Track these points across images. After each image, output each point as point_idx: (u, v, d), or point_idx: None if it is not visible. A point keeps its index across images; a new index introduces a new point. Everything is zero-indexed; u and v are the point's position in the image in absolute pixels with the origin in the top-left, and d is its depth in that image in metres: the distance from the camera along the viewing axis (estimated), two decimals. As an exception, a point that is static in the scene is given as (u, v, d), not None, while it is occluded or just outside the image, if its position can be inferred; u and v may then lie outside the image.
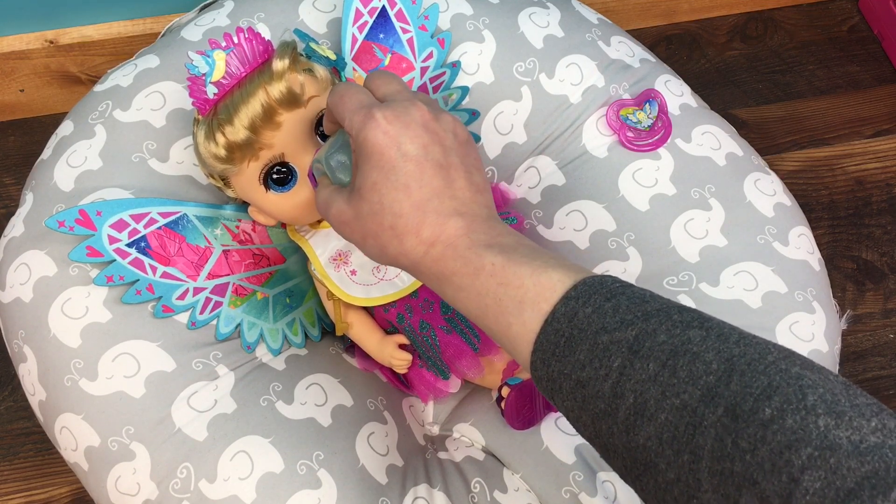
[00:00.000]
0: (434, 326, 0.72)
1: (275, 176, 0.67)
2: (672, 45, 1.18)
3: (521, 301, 0.50)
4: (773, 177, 0.83)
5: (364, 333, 0.74)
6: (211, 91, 0.65)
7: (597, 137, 0.82)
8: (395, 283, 0.71)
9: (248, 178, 0.67)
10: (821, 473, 0.39)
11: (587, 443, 0.71)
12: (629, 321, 0.47)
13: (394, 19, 0.80)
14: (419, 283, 0.71)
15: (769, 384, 0.42)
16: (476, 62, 0.82)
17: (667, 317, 0.47)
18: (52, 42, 1.03)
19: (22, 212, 0.76)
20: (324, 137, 0.68)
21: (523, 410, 0.71)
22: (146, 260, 0.71)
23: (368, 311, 0.75)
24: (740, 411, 0.42)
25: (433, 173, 0.54)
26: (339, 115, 0.56)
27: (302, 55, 0.68)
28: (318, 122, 0.68)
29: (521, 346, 0.51)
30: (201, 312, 0.72)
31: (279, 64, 0.65)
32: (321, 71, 0.68)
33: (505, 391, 0.71)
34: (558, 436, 0.72)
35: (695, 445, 0.43)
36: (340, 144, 0.59)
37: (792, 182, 1.05)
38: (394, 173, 0.53)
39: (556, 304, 0.49)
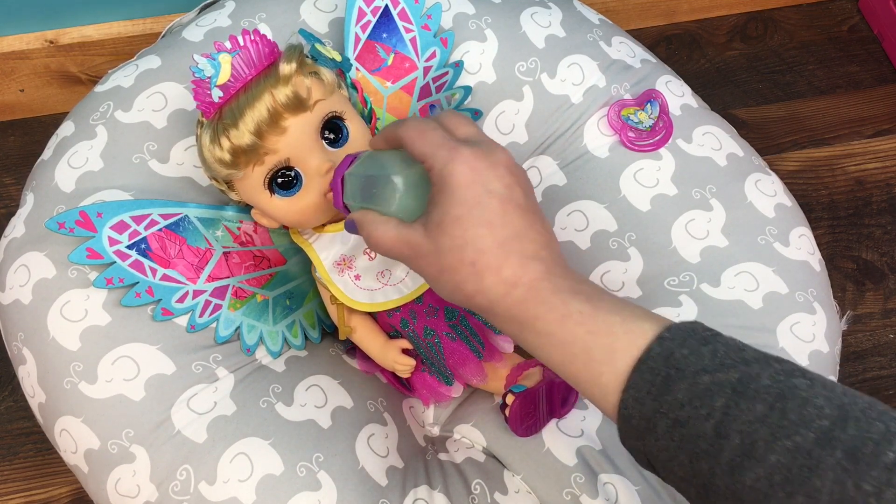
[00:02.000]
0: (438, 333, 0.72)
1: (280, 180, 0.66)
2: (672, 45, 1.18)
3: (612, 349, 0.50)
4: (774, 177, 0.83)
5: (367, 338, 0.74)
6: (216, 94, 0.64)
7: (598, 137, 0.82)
8: (400, 289, 0.71)
9: (252, 183, 0.67)
10: None
11: (589, 444, 0.72)
12: (729, 364, 0.47)
13: (397, 18, 0.79)
14: (424, 289, 0.71)
15: (887, 430, 0.43)
16: (478, 62, 0.82)
17: (766, 364, 0.47)
18: (52, 42, 1.03)
19: (22, 212, 0.76)
20: (330, 142, 0.67)
21: (527, 418, 0.71)
22: (146, 262, 0.70)
23: (372, 315, 0.74)
24: (861, 455, 0.42)
25: (515, 214, 0.53)
26: (419, 149, 0.55)
27: (307, 57, 0.67)
28: (324, 126, 0.67)
29: (610, 392, 0.50)
30: (201, 315, 0.72)
31: (286, 68, 0.64)
32: (327, 74, 0.67)
33: (509, 398, 0.71)
34: (560, 437, 0.72)
35: (811, 488, 0.43)
36: (395, 164, 0.58)
37: (792, 182, 1.05)
38: (478, 209, 0.53)
39: (651, 344, 0.49)
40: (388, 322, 0.73)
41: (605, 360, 0.50)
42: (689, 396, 0.47)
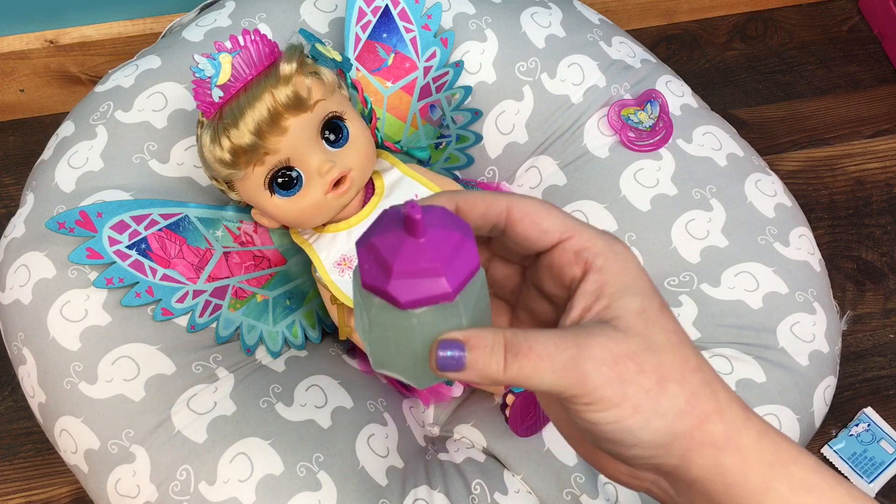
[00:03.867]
0: (438, 332, 0.71)
1: (280, 180, 0.67)
2: (672, 45, 1.18)
3: None
4: (774, 177, 0.83)
5: None
6: (216, 94, 0.64)
7: (598, 137, 0.82)
8: (400, 289, 0.70)
9: (253, 183, 0.67)
10: None
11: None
12: None
13: (397, 18, 0.79)
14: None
15: None
16: (478, 61, 0.82)
17: None
18: (52, 42, 1.03)
19: (23, 212, 0.76)
20: (331, 142, 0.67)
21: (527, 418, 0.71)
22: (146, 262, 0.70)
23: (372, 314, 0.74)
24: None
25: None
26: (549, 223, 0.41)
27: (308, 57, 0.67)
28: (325, 126, 0.67)
29: None
30: (201, 315, 0.72)
31: (287, 68, 0.64)
32: (328, 74, 0.67)
33: (510, 399, 0.71)
34: (560, 437, 0.72)
35: None
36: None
37: (792, 182, 1.05)
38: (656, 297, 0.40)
39: None
40: (388, 322, 0.73)
41: None
42: None
